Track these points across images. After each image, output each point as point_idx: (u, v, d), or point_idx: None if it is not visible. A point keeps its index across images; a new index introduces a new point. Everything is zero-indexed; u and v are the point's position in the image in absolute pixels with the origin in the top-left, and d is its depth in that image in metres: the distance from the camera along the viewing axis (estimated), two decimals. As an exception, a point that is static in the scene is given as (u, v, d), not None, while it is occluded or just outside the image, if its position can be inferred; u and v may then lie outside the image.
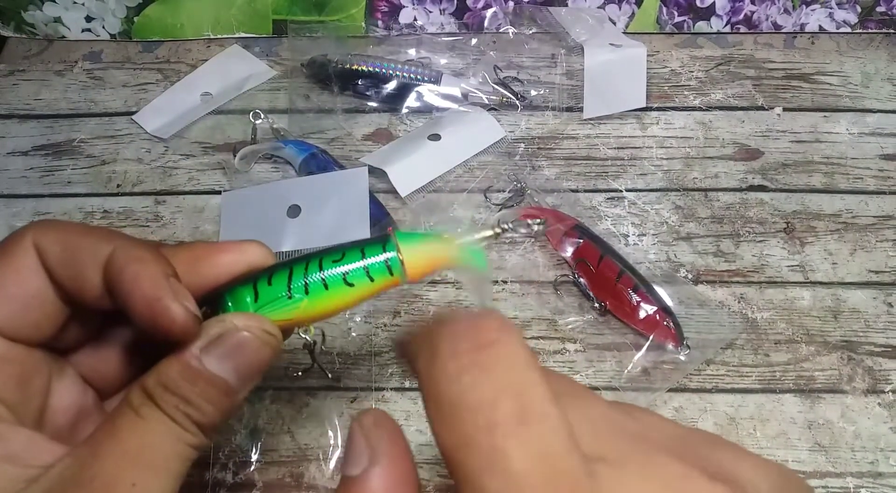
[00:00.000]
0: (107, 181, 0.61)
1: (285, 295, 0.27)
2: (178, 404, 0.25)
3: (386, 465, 0.20)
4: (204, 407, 0.25)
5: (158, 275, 0.26)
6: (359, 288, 0.28)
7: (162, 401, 0.25)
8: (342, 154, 0.61)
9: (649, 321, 0.50)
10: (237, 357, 0.26)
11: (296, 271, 0.28)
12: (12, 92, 0.66)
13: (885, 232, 0.57)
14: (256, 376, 0.27)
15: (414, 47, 0.68)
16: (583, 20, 0.67)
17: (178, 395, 0.25)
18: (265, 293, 0.28)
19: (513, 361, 0.19)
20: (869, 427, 0.49)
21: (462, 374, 0.18)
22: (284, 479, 0.46)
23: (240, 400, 0.26)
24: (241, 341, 0.26)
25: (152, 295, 0.25)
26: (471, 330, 0.19)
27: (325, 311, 0.28)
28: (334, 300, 0.28)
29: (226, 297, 0.28)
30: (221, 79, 0.67)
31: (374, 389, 0.50)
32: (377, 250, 0.29)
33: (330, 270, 0.28)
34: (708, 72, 0.67)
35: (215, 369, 0.25)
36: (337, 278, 0.28)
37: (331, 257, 0.28)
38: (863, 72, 0.67)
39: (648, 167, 0.61)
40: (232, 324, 0.26)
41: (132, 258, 0.26)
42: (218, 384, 0.25)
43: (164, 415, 0.25)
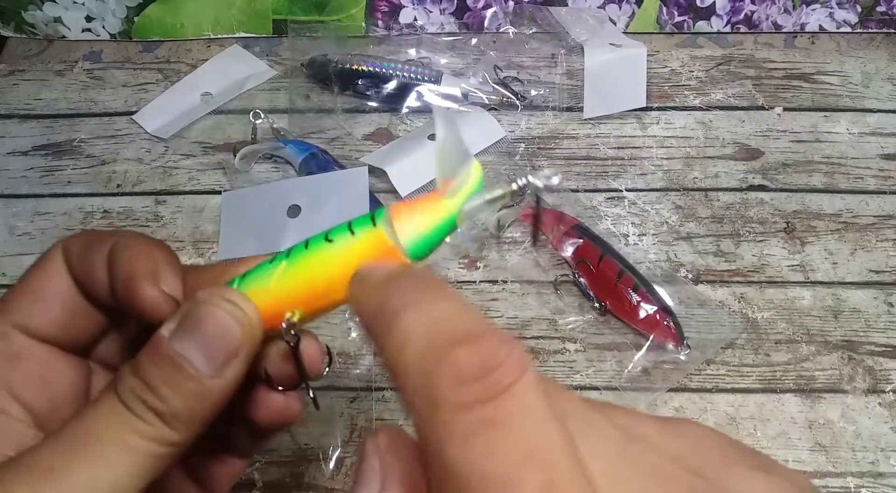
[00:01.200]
0: (107, 181, 0.61)
1: (267, 263, 0.25)
2: (137, 388, 0.22)
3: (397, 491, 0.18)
4: (164, 392, 0.22)
5: (137, 256, 0.25)
6: (339, 245, 0.24)
7: (121, 386, 0.23)
8: (342, 154, 0.61)
9: (649, 321, 0.50)
10: (198, 332, 0.23)
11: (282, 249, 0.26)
12: (12, 92, 0.66)
13: (886, 232, 0.57)
14: (230, 359, 0.23)
15: (414, 47, 0.68)
16: (583, 20, 0.67)
17: (140, 378, 0.23)
18: (251, 271, 0.25)
19: (532, 412, 0.16)
20: (869, 427, 0.48)
21: (474, 436, 0.16)
22: (284, 479, 0.46)
23: (216, 389, 0.23)
24: (202, 313, 0.23)
25: (127, 274, 0.24)
26: (480, 364, 0.16)
27: (309, 280, 0.25)
28: (315, 261, 0.24)
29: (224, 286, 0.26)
30: (221, 79, 0.67)
31: (374, 389, 0.50)
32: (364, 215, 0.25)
33: (314, 236, 0.25)
34: (708, 72, 0.67)
35: (180, 349, 0.23)
36: (319, 237, 0.25)
37: (319, 233, 0.25)
38: (863, 71, 0.67)
39: (648, 167, 0.61)
40: (196, 298, 0.24)
41: (122, 246, 0.25)
42: (182, 366, 0.23)
43: (117, 400, 0.23)
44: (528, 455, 0.15)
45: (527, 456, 0.15)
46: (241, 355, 0.24)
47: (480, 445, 0.16)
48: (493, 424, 0.16)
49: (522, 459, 0.15)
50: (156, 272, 0.25)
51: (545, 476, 0.15)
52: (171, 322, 0.23)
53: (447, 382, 0.16)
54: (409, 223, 0.24)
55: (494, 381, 0.16)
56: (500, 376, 0.16)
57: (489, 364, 0.16)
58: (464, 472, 0.16)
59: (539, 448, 0.16)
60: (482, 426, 0.16)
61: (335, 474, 0.47)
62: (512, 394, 0.16)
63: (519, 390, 0.16)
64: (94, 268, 0.26)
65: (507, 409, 0.16)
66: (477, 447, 0.16)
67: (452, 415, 0.16)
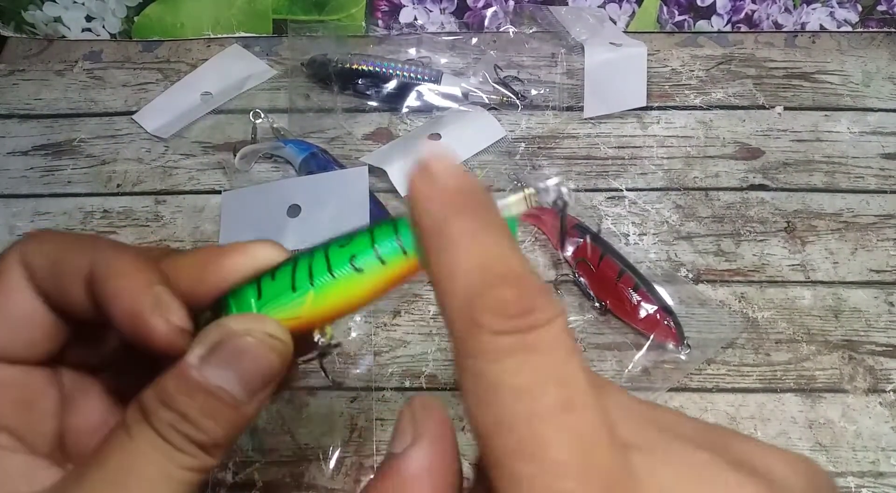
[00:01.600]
0: (107, 181, 0.61)
1: (289, 288, 0.25)
2: (174, 421, 0.22)
3: (428, 445, 0.20)
4: (204, 424, 0.23)
5: (138, 288, 0.24)
6: (370, 274, 0.25)
7: (155, 418, 0.22)
8: (342, 153, 0.61)
9: (650, 321, 0.50)
10: (240, 365, 0.23)
11: (300, 262, 0.25)
12: (12, 92, 0.66)
13: (886, 231, 0.57)
14: (266, 386, 0.24)
15: (414, 47, 0.68)
16: (583, 19, 0.67)
17: (174, 410, 0.22)
18: (269, 290, 0.25)
19: (560, 346, 0.18)
20: (870, 427, 0.48)
21: (506, 355, 0.18)
22: (284, 479, 0.46)
23: (250, 413, 0.24)
24: (242, 347, 0.23)
25: (131, 310, 0.23)
26: (521, 304, 0.18)
27: (338, 305, 0.25)
28: (344, 290, 0.25)
29: (228, 299, 0.26)
30: (221, 78, 0.67)
31: (374, 389, 0.50)
32: (387, 231, 0.25)
33: (336, 256, 0.25)
34: (708, 71, 0.67)
35: (216, 380, 0.23)
36: (344, 264, 0.24)
37: (337, 243, 0.25)
38: (864, 71, 0.67)
39: (649, 167, 0.61)
40: (230, 328, 0.23)
41: (112, 273, 0.24)
42: (220, 397, 0.23)
43: (155, 435, 0.22)
44: (551, 375, 0.18)
45: (550, 375, 0.18)
46: (276, 381, 0.24)
47: (511, 362, 0.18)
48: (526, 348, 0.18)
49: (546, 377, 0.17)
50: (160, 302, 0.24)
51: (565, 393, 0.17)
52: (199, 349, 0.23)
53: (489, 311, 0.18)
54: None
55: (532, 319, 0.18)
56: (537, 315, 0.18)
57: (528, 305, 0.18)
58: (492, 382, 0.18)
59: (561, 371, 0.18)
60: (515, 348, 0.18)
61: (335, 474, 0.47)
62: (545, 329, 0.18)
63: (551, 327, 0.18)
64: (69, 290, 0.25)
65: (541, 339, 0.18)
66: (508, 363, 0.18)
67: (490, 337, 0.18)
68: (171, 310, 0.24)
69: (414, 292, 0.54)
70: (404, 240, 0.24)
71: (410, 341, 0.52)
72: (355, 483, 0.46)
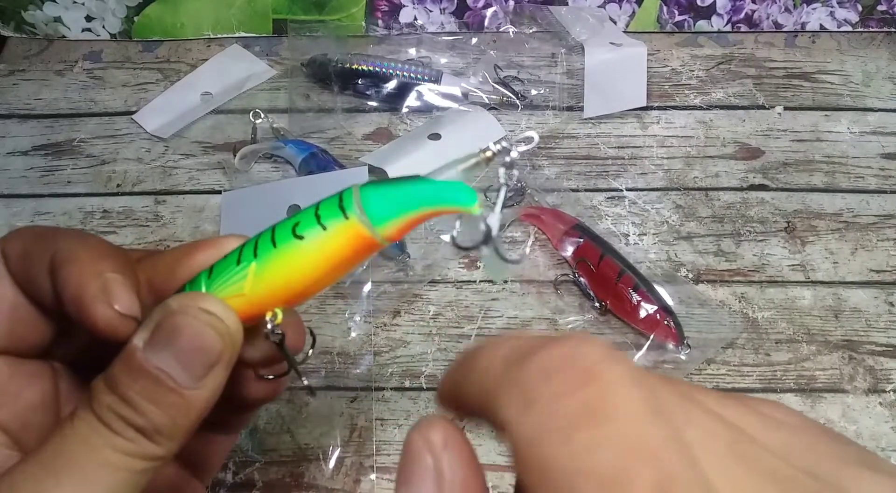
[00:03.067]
0: (107, 181, 0.61)
1: (234, 263, 0.23)
2: (114, 404, 0.22)
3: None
4: (145, 407, 0.21)
5: (87, 274, 0.23)
6: (311, 241, 0.23)
7: (96, 402, 0.22)
8: (342, 153, 0.61)
9: (650, 321, 0.50)
10: (176, 344, 0.22)
11: (250, 240, 0.24)
12: (12, 92, 0.66)
13: (887, 231, 0.57)
14: (211, 368, 0.22)
15: (414, 47, 0.68)
16: (583, 19, 0.67)
17: (116, 394, 0.22)
18: (217, 269, 0.24)
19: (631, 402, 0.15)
20: (870, 427, 0.48)
21: (574, 430, 0.14)
22: (284, 479, 0.46)
23: (199, 401, 0.22)
24: (177, 324, 0.22)
25: (77, 296, 0.23)
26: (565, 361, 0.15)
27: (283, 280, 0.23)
28: (287, 262, 0.23)
29: (185, 285, 0.25)
30: (221, 78, 0.67)
31: (374, 389, 0.50)
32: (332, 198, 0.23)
33: (280, 228, 0.23)
34: (709, 71, 0.67)
35: (157, 362, 0.22)
36: (286, 234, 0.23)
37: (287, 218, 0.24)
38: (864, 71, 0.67)
39: (649, 166, 0.61)
40: (168, 306, 0.22)
41: (66, 260, 0.24)
42: (162, 380, 0.22)
43: (95, 419, 0.22)
44: (637, 450, 0.14)
45: (635, 451, 0.14)
46: (223, 363, 0.23)
47: (583, 439, 0.14)
48: (593, 414, 0.15)
49: (631, 454, 0.14)
50: (106, 289, 0.23)
51: (658, 474, 0.14)
52: (144, 332, 0.22)
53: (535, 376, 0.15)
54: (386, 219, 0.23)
55: (582, 367, 0.15)
56: (585, 361, 0.15)
57: (572, 354, 0.16)
58: (568, 470, 0.14)
59: (647, 442, 0.14)
60: (582, 418, 0.14)
61: (335, 474, 0.47)
62: (604, 380, 0.15)
63: (611, 375, 0.15)
64: (36, 278, 0.24)
65: (603, 395, 0.15)
66: (579, 441, 0.14)
67: (549, 407, 0.15)
68: (117, 297, 0.23)
69: (414, 292, 0.54)
70: (346, 203, 0.23)
71: (410, 341, 0.52)
72: (355, 483, 0.46)
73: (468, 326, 0.53)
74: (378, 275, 0.54)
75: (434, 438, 0.17)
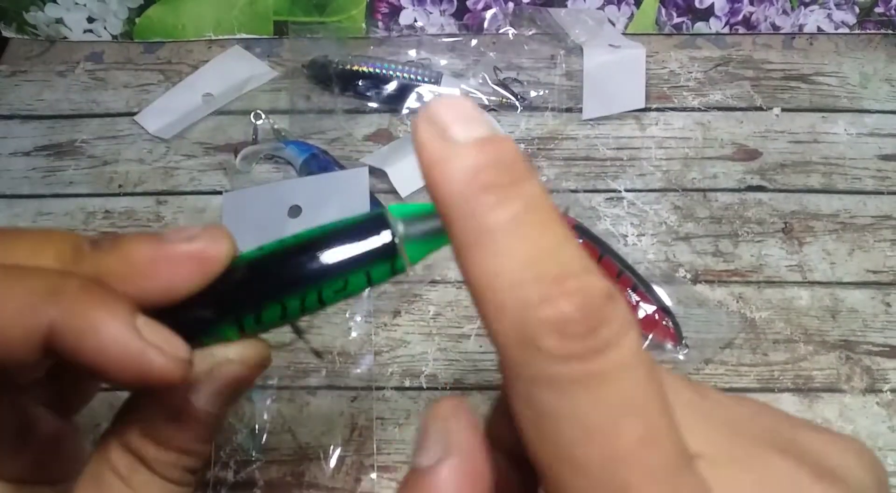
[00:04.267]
0: (108, 182, 0.61)
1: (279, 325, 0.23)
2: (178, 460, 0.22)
3: (460, 458, 0.18)
4: (199, 449, 0.22)
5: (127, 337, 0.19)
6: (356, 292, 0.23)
7: (157, 464, 0.21)
8: (343, 154, 0.62)
9: (648, 321, 0.51)
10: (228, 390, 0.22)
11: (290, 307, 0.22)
12: (14, 93, 0.67)
13: (883, 232, 0.58)
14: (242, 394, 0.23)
15: (414, 48, 0.68)
16: (582, 21, 0.67)
17: (173, 449, 0.22)
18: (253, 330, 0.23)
19: (633, 370, 0.16)
20: (867, 427, 0.49)
21: (572, 387, 0.15)
22: (285, 478, 0.47)
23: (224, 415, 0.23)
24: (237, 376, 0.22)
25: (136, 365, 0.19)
26: (586, 321, 0.15)
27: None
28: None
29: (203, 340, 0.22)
30: (223, 80, 0.67)
31: (374, 388, 0.50)
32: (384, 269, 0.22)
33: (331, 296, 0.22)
34: (707, 73, 0.67)
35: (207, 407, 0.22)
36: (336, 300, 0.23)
37: (332, 287, 0.22)
38: (861, 72, 0.67)
39: (647, 168, 0.61)
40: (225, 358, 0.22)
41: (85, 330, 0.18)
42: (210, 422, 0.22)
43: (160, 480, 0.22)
44: (630, 409, 0.15)
45: (628, 410, 0.15)
46: None
47: (583, 396, 0.15)
48: (596, 377, 0.15)
49: (624, 412, 0.15)
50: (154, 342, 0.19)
51: (643, 430, 0.15)
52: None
53: (548, 331, 0.15)
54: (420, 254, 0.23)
55: (599, 340, 0.15)
56: (605, 334, 0.15)
57: (595, 320, 0.15)
58: (557, 415, 0.15)
59: (641, 404, 0.16)
60: (585, 379, 0.15)
61: (336, 473, 0.47)
62: (617, 350, 0.16)
63: (621, 348, 0.16)
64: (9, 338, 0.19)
65: (609, 365, 0.15)
66: (578, 397, 0.15)
67: (554, 365, 0.15)
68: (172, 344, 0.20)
69: (414, 293, 0.54)
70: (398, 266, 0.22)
71: (410, 340, 0.52)
72: (356, 482, 0.47)
73: (468, 326, 0.53)
74: (378, 275, 0.54)
75: (442, 410, 0.19)
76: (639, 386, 0.16)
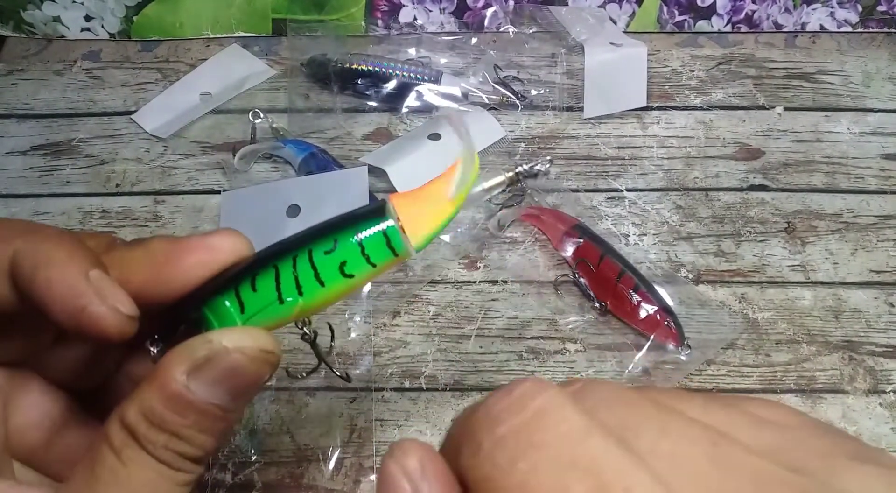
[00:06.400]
0: (106, 181, 0.61)
1: (276, 300, 0.24)
2: (168, 442, 0.22)
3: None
4: (198, 439, 0.22)
5: (74, 276, 0.22)
6: (359, 277, 0.24)
7: (147, 442, 0.21)
8: (342, 154, 0.61)
9: (650, 321, 0.50)
10: (233, 381, 0.22)
11: (283, 270, 0.24)
12: (11, 91, 0.66)
13: (887, 232, 0.57)
14: (255, 392, 0.23)
15: (414, 46, 0.68)
16: (583, 19, 0.67)
17: (166, 431, 0.22)
18: (252, 302, 0.24)
19: (566, 426, 0.16)
20: (870, 428, 0.48)
21: (515, 461, 0.16)
22: (284, 479, 0.46)
23: (238, 417, 0.23)
24: (236, 365, 0.22)
25: (71, 302, 0.21)
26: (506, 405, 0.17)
27: (324, 304, 0.25)
28: (333, 295, 0.24)
29: (205, 312, 0.24)
30: (221, 78, 0.66)
31: (373, 389, 0.50)
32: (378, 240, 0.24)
33: (324, 265, 0.24)
34: (709, 71, 0.67)
35: (207, 397, 0.22)
36: (333, 272, 0.24)
37: (321, 248, 0.24)
38: (864, 71, 0.67)
39: (649, 167, 0.61)
40: (221, 345, 0.22)
41: (40, 263, 0.22)
42: (212, 412, 0.22)
43: (149, 457, 0.22)
44: (571, 464, 0.15)
45: (570, 465, 0.15)
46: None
47: (524, 466, 0.15)
48: (531, 445, 0.16)
49: (566, 468, 0.15)
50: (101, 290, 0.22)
51: (594, 479, 0.15)
52: (184, 365, 0.22)
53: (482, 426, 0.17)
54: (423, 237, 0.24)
55: (522, 408, 0.16)
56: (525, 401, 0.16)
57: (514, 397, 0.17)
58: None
59: (582, 457, 0.15)
60: (522, 450, 0.16)
61: (335, 474, 0.47)
62: (543, 415, 0.16)
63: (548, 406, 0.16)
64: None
65: (542, 427, 0.16)
66: (521, 468, 0.15)
67: (493, 451, 0.16)
68: (117, 298, 0.22)
69: (414, 293, 0.54)
70: (395, 243, 0.24)
71: (410, 341, 0.52)
72: (354, 484, 0.46)
73: (468, 326, 0.52)
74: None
75: (410, 465, 0.17)
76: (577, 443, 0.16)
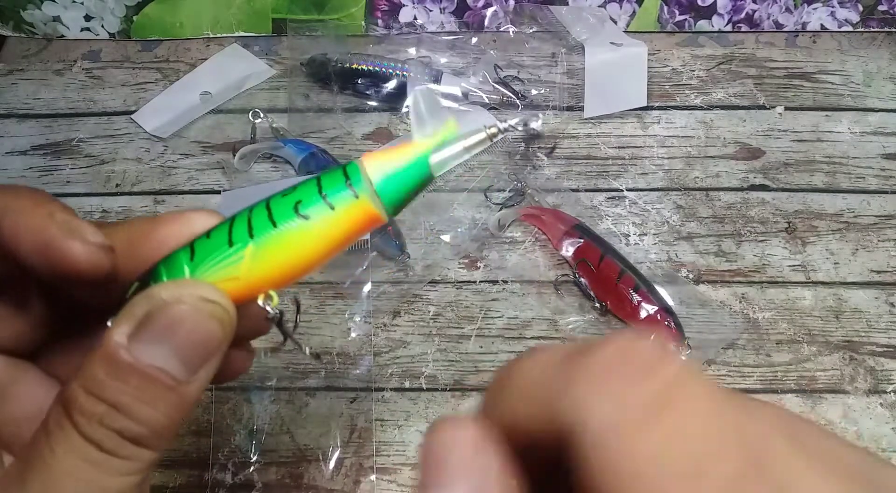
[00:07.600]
0: (106, 181, 0.61)
1: (225, 243, 0.21)
2: (105, 416, 0.19)
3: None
4: (142, 412, 0.19)
5: (41, 218, 0.21)
6: (318, 221, 0.21)
7: (80, 416, 0.19)
8: (342, 153, 0.61)
9: (650, 321, 0.50)
10: (175, 338, 0.20)
11: (239, 217, 0.22)
12: (11, 91, 0.66)
13: (887, 232, 0.57)
14: (210, 359, 0.21)
15: (414, 46, 0.68)
16: (584, 19, 0.67)
17: (104, 400, 0.19)
18: (203, 249, 0.22)
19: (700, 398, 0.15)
20: (871, 428, 0.48)
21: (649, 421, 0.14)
22: (284, 479, 0.46)
23: (194, 393, 0.20)
24: (175, 317, 0.20)
25: (41, 242, 0.20)
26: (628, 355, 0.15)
27: (283, 261, 0.22)
28: (289, 242, 0.21)
29: (159, 266, 0.22)
30: (221, 78, 0.66)
31: (373, 389, 0.50)
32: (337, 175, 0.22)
33: (279, 205, 0.22)
34: (709, 71, 0.67)
35: (150, 359, 0.19)
36: (288, 213, 0.21)
37: (280, 193, 0.22)
38: (864, 71, 0.67)
39: (649, 167, 0.61)
40: (159, 297, 0.20)
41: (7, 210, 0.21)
42: (158, 378, 0.20)
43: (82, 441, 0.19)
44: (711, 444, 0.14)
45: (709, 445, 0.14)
46: (220, 353, 0.21)
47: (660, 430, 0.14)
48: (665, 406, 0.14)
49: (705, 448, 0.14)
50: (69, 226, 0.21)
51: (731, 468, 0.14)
52: (124, 325, 0.20)
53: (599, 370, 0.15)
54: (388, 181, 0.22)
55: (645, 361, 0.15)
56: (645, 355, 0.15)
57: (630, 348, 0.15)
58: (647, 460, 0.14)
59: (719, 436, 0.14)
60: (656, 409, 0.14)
61: (335, 474, 0.46)
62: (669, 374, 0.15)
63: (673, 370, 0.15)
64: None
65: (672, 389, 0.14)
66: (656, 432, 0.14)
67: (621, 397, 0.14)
68: (85, 230, 0.21)
69: (414, 293, 0.54)
70: (355, 183, 0.22)
71: (410, 341, 0.52)
72: (355, 484, 0.46)
73: (468, 326, 0.52)
74: (378, 275, 0.54)
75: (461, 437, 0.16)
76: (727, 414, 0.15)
